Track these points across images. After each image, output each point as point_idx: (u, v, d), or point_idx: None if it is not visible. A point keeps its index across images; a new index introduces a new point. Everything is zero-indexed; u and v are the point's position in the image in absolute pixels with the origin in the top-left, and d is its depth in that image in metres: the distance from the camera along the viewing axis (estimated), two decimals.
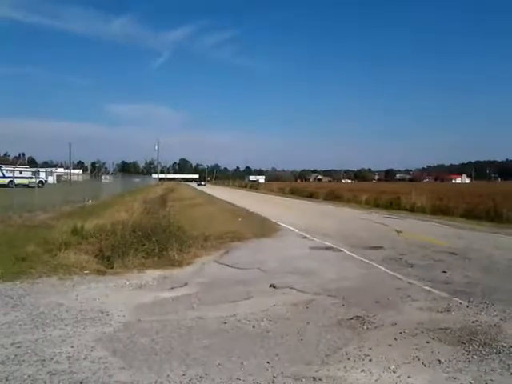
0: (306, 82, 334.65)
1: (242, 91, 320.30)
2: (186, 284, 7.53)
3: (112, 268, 8.52)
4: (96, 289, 7.15)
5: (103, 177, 44.01)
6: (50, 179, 44.49)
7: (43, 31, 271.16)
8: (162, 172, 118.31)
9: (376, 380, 3.94)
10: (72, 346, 4.65)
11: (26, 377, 3.89)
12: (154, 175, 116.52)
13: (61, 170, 46.53)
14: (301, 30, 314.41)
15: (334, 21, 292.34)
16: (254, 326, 5.37)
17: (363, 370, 4.14)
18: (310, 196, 40.81)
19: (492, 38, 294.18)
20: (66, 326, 5.32)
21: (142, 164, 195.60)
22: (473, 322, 5.51)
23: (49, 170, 46.54)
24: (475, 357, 4.46)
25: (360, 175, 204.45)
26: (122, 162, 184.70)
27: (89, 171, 40.22)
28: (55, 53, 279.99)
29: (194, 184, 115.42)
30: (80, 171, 47.28)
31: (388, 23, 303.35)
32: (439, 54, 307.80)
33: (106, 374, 4.01)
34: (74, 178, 37.17)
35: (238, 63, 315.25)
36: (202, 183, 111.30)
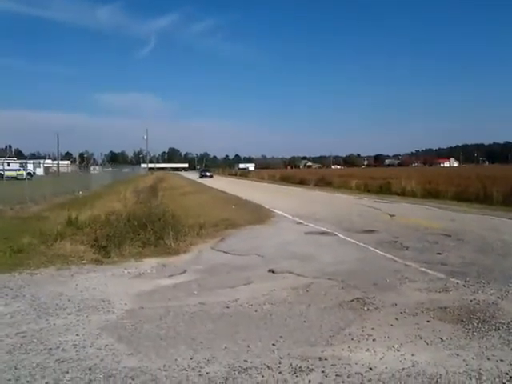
0: (294, 70, 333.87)
1: (230, 79, 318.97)
2: (184, 271, 7.55)
3: (109, 257, 8.51)
4: (95, 278, 7.15)
5: (92, 167, 43.79)
6: (39, 171, 44.09)
7: (28, 21, 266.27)
8: (151, 162, 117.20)
9: (381, 358, 4.01)
10: (77, 335, 4.66)
11: (34, 365, 3.91)
12: (143, 165, 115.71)
13: (49, 162, 46.12)
14: (288, 19, 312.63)
15: (321, 9, 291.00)
16: (256, 310, 5.42)
17: (367, 350, 4.21)
18: (301, 182, 40.87)
19: (475, 24, 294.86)
20: (69, 314, 5.32)
21: (130, 154, 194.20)
22: (471, 300, 5.62)
23: (37, 161, 46.08)
24: (475, 334, 4.55)
25: (349, 161, 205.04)
26: (111, 152, 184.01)
27: (77, 162, 39.96)
28: (41, 43, 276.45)
29: (183, 173, 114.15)
30: (68, 162, 46.96)
31: (375, 13, 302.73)
32: (423, 40, 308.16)
33: (114, 360, 4.03)
34: (63, 169, 36.92)
35: (225, 51, 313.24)
36: (208, 173, 69.78)
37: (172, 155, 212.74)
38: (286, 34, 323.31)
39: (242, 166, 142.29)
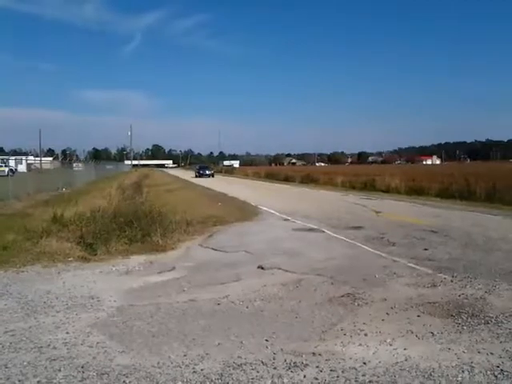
0: (280, 66, 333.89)
1: (215, 76, 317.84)
2: (173, 268, 7.51)
3: (96, 255, 8.42)
4: (82, 275, 7.07)
5: (75, 164, 43.16)
6: (20, 167, 43.33)
7: (12, 16, 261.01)
8: (134, 158, 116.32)
9: (374, 353, 4.04)
10: (67, 332, 4.60)
11: (25, 363, 3.84)
12: (127, 162, 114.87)
13: (31, 158, 45.41)
14: (275, 16, 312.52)
15: (308, 6, 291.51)
16: (247, 307, 5.42)
17: (360, 344, 4.24)
18: (286, 180, 40.98)
19: (462, 20, 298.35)
20: (58, 312, 5.25)
21: (113, 151, 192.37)
22: (459, 295, 5.69)
23: (19, 158, 45.35)
24: (465, 328, 4.61)
25: (333, 158, 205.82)
26: (94, 148, 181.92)
27: (60, 159, 39.39)
28: (24, 38, 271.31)
29: (168, 170, 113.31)
30: (51, 159, 46.23)
31: (363, 7, 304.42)
32: (407, 37, 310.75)
33: (107, 358, 3.99)
34: (45, 166, 36.33)
35: (211, 48, 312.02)
36: (207, 171, 55.61)
37: (156, 152, 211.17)
38: (272, 30, 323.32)
39: (226, 163, 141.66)
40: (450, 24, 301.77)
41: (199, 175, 53.70)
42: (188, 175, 58.37)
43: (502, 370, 3.67)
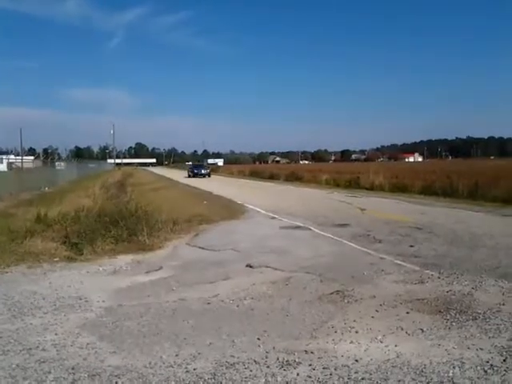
0: (264, 65, 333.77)
1: (200, 74, 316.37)
2: (161, 267, 7.46)
3: (82, 255, 8.32)
4: (69, 276, 6.98)
5: (57, 163, 42.53)
6: (1, 167, 42.55)
7: None
8: (117, 157, 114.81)
9: (365, 350, 4.07)
10: (56, 334, 4.54)
11: (14, 366, 3.77)
12: (110, 160, 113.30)
13: (12, 157, 44.57)
14: (260, 13, 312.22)
15: (293, 4, 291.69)
16: (237, 305, 5.41)
17: (352, 342, 4.26)
18: (271, 177, 41.00)
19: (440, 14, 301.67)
20: (46, 313, 5.18)
21: (96, 149, 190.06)
22: (447, 291, 5.75)
23: None
24: (454, 324, 4.67)
25: (317, 156, 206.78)
26: (76, 147, 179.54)
27: (41, 158, 38.75)
28: (5, 35, 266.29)
29: (151, 168, 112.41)
30: (32, 158, 45.46)
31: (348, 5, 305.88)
32: (390, 33, 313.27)
33: (98, 358, 3.95)
34: (27, 165, 35.72)
35: (194, 46, 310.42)
36: (203, 171, 48.33)
37: (139, 150, 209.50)
38: (257, 28, 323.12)
39: (210, 161, 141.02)
40: (429, 21, 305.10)
41: (193, 175, 46.67)
42: (173, 174, 58.12)
43: (491, 365, 3.72)
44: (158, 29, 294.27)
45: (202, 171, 48.23)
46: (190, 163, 60.52)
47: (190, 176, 47.45)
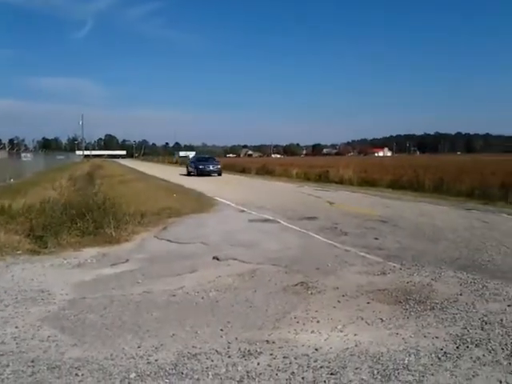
0: (235, 57, 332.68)
1: (171, 66, 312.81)
2: (127, 260, 7.41)
3: (46, 248, 8.18)
4: (32, 269, 6.86)
5: (23, 154, 41.46)
6: None
7: None
8: (86, 149, 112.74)
9: (326, 339, 4.16)
10: (16, 327, 4.47)
11: None
12: (79, 152, 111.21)
13: None
14: (232, 5, 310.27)
15: None
16: (202, 297, 5.43)
17: (313, 331, 4.35)
18: (243, 171, 40.99)
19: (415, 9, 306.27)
20: (7, 306, 5.09)
21: (64, 140, 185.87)
22: (407, 282, 5.93)
23: None
24: (412, 314, 4.82)
25: (289, 150, 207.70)
26: (43, 138, 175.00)
27: (7, 149, 37.69)
28: None
29: (121, 160, 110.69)
30: None
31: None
32: (363, 26, 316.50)
33: (58, 351, 3.92)
34: None
35: (165, 37, 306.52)
36: (211, 167, 32.54)
37: (109, 142, 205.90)
38: (228, 20, 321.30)
39: (182, 153, 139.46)
40: (407, 16, 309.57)
41: (198, 173, 32.13)
42: (144, 166, 57.47)
43: (445, 352, 3.86)
44: (126, 19, 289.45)
45: (211, 167, 33.00)
46: (192, 155, 44.85)
47: (190, 174, 33.73)
